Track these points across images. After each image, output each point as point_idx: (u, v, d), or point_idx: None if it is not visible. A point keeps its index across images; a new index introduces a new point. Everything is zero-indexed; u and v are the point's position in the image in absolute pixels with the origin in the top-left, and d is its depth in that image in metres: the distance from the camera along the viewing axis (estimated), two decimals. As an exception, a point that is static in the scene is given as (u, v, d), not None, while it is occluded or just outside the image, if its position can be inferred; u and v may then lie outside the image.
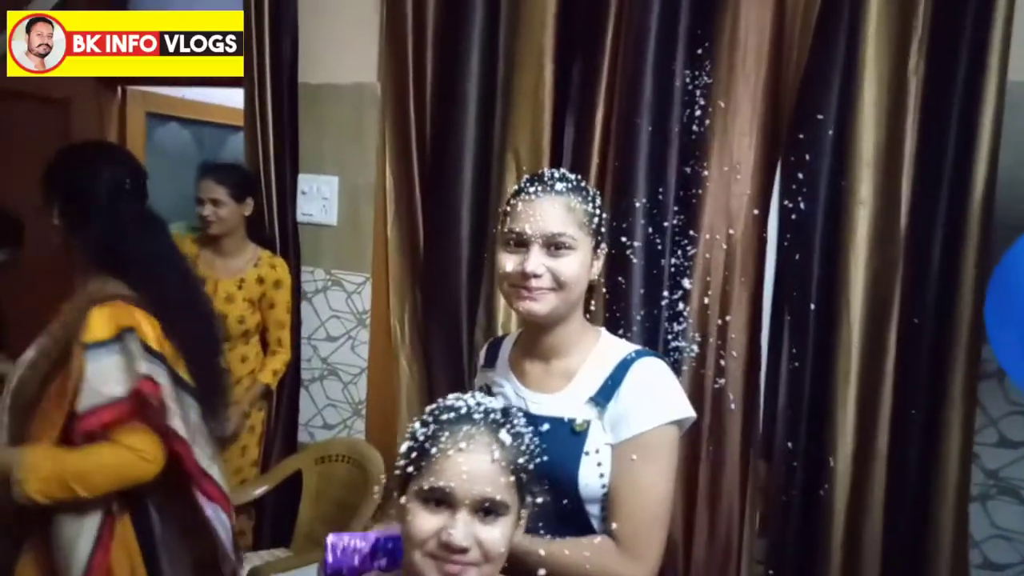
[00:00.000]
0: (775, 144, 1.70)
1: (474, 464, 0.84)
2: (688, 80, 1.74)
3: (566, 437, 1.11)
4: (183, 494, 1.48)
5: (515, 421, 0.91)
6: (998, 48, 1.49)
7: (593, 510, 1.11)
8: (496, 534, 0.84)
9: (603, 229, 1.18)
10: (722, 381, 1.74)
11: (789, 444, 1.69)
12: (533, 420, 1.07)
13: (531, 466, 0.90)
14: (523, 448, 0.89)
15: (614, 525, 1.08)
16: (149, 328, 1.41)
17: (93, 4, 2.74)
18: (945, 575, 1.56)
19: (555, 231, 1.10)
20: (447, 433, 0.86)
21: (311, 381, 2.36)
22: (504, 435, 0.87)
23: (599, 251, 1.18)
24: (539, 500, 0.93)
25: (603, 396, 1.11)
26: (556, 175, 1.15)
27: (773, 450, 1.73)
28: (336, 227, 2.29)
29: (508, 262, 1.13)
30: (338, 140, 2.26)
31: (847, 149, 1.62)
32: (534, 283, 1.10)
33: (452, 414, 0.88)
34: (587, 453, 1.09)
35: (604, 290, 1.80)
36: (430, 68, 2.07)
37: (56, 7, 2.56)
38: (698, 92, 1.74)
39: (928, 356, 1.58)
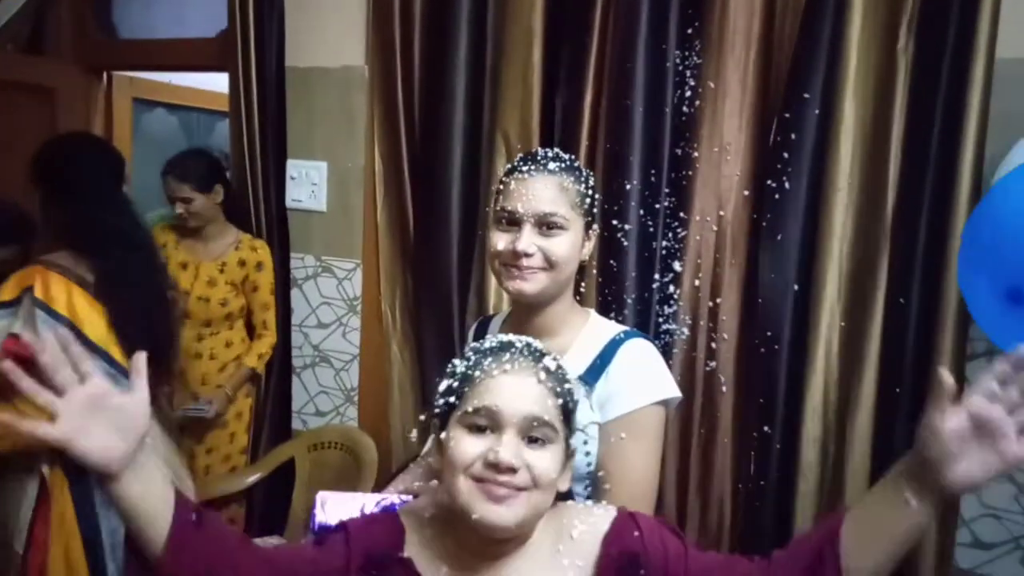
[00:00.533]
0: (765, 125, 1.69)
1: (521, 384, 0.82)
2: (678, 61, 1.73)
3: None
4: None
5: (556, 360, 0.89)
6: (987, 26, 1.47)
7: (577, 488, 1.11)
8: (546, 459, 0.81)
9: (595, 210, 1.18)
10: (713, 364, 1.74)
11: (766, 428, 1.69)
12: None
13: (573, 401, 0.88)
14: (565, 381, 0.87)
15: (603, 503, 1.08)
16: (60, 292, 1.46)
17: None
18: (931, 556, 1.57)
19: (547, 210, 1.10)
20: (490, 359, 0.84)
21: (303, 368, 2.36)
22: (548, 362, 0.86)
23: (591, 232, 1.18)
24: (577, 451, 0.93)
25: (592, 375, 1.12)
26: (550, 154, 1.15)
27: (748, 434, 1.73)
28: (326, 213, 2.28)
29: (500, 240, 1.13)
30: (326, 125, 2.24)
31: (832, 128, 1.61)
32: (525, 262, 1.10)
33: (495, 343, 0.88)
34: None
35: (596, 272, 1.79)
36: (418, 50, 2.05)
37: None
38: (688, 73, 1.72)
39: (915, 336, 1.58)
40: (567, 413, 0.86)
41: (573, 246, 1.13)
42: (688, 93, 1.73)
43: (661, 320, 1.78)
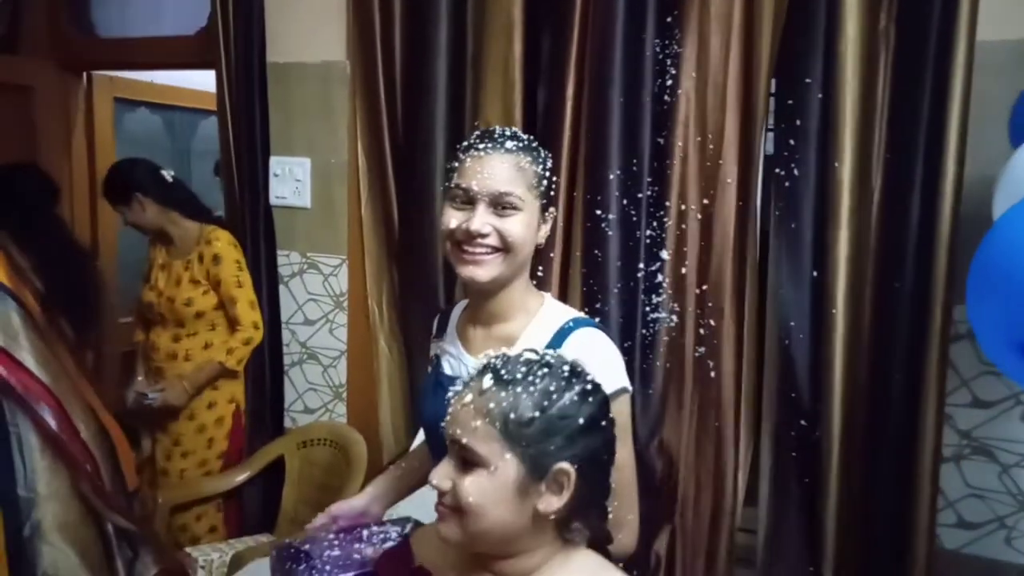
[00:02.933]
0: (748, 111, 1.69)
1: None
2: (658, 49, 1.73)
3: None
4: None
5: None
6: (967, 9, 1.48)
7: None
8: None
9: (552, 192, 1.15)
10: (703, 350, 1.74)
11: (778, 412, 1.70)
12: None
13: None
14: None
15: None
16: None
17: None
18: (923, 535, 1.59)
19: (503, 190, 1.07)
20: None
21: (291, 366, 2.35)
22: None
23: (547, 215, 1.15)
24: None
25: None
26: (507, 133, 1.11)
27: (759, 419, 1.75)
28: (310, 209, 2.27)
29: (452, 219, 1.10)
30: (308, 120, 2.23)
31: (832, 112, 1.61)
32: (479, 242, 1.08)
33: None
34: None
35: (580, 262, 1.79)
36: (399, 44, 2.04)
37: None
38: (669, 61, 1.72)
39: (907, 318, 1.59)
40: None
41: (528, 227, 1.10)
42: (669, 82, 1.73)
43: (648, 309, 1.78)
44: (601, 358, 1.09)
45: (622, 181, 1.75)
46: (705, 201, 1.73)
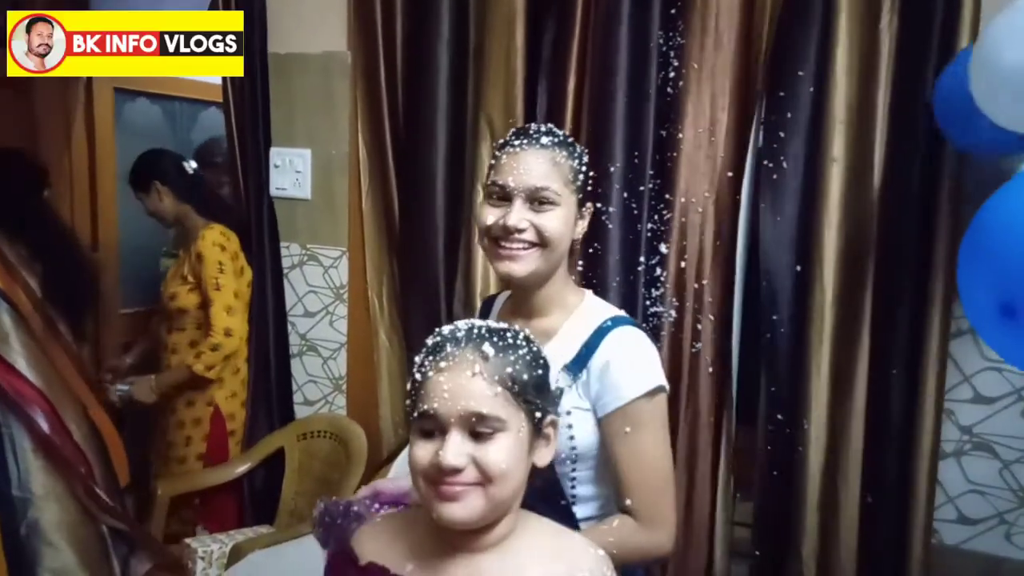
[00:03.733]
0: (749, 105, 1.68)
1: (455, 381, 0.80)
2: (661, 41, 1.71)
3: None
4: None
5: (508, 335, 0.85)
6: (970, 2, 1.47)
7: (561, 468, 1.11)
8: (492, 452, 0.80)
9: (589, 187, 1.16)
10: (699, 345, 1.74)
11: (768, 408, 1.70)
12: None
13: (530, 375, 0.84)
14: (514, 358, 0.83)
15: (628, 501, 1.09)
16: None
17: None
18: (920, 531, 1.58)
19: (539, 185, 1.08)
20: (431, 358, 0.83)
21: (291, 357, 2.34)
22: (487, 348, 0.82)
23: (584, 210, 1.16)
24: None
25: (576, 365, 1.11)
26: (543, 129, 1.13)
27: (751, 414, 1.74)
28: (310, 201, 2.26)
29: (490, 215, 1.11)
30: (309, 112, 2.22)
31: (824, 106, 1.60)
32: (516, 237, 1.09)
33: (438, 339, 0.85)
34: (558, 414, 1.09)
35: (580, 256, 1.79)
36: (400, 35, 2.03)
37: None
38: (672, 53, 1.71)
39: (906, 314, 1.58)
40: (520, 391, 0.82)
41: (565, 223, 1.11)
42: (672, 74, 1.72)
43: (648, 303, 1.77)
44: (640, 357, 1.11)
45: (623, 174, 1.74)
46: (706, 194, 1.72)
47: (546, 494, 1.08)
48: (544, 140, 1.10)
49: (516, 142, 1.11)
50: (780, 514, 1.71)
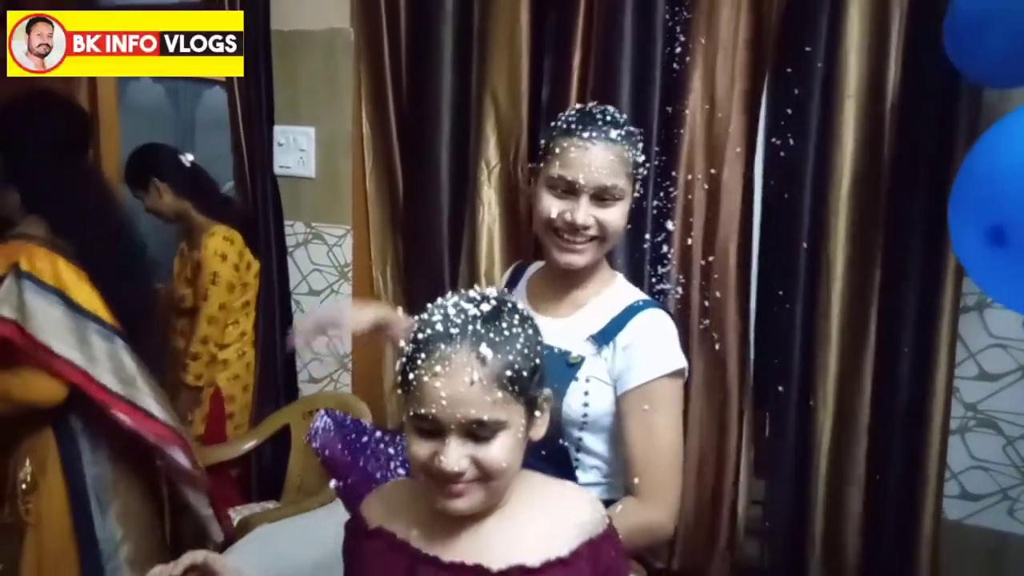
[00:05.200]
0: (757, 81, 1.66)
1: (453, 388, 0.78)
2: (667, 16, 1.69)
3: (560, 368, 1.12)
4: (103, 422, 1.56)
5: (501, 324, 0.81)
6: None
7: (573, 432, 1.13)
8: (494, 451, 0.80)
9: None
10: (707, 322, 1.74)
11: (780, 388, 1.70)
12: None
13: (528, 366, 0.81)
14: (512, 355, 0.80)
15: (635, 480, 1.11)
16: (46, 264, 1.50)
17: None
18: (931, 506, 1.59)
19: (608, 183, 1.10)
20: (423, 355, 0.79)
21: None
22: (484, 349, 0.78)
23: (634, 196, 1.19)
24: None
25: (603, 337, 1.13)
26: (608, 118, 1.13)
27: (760, 391, 1.75)
28: (314, 179, 2.25)
29: (553, 207, 1.12)
30: (312, 89, 2.21)
31: (834, 82, 1.59)
32: (581, 233, 1.11)
33: (429, 331, 0.80)
34: (576, 379, 1.11)
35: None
36: (404, 11, 2.01)
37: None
38: (678, 28, 1.69)
39: (916, 289, 1.58)
40: (517, 392, 0.80)
41: (624, 215, 1.14)
42: (678, 49, 1.70)
43: (654, 280, 1.77)
44: (665, 338, 1.15)
45: (629, 151, 1.73)
46: (712, 171, 1.71)
47: (551, 459, 1.10)
48: (613, 134, 1.11)
49: (585, 134, 1.10)
50: (789, 490, 1.71)
